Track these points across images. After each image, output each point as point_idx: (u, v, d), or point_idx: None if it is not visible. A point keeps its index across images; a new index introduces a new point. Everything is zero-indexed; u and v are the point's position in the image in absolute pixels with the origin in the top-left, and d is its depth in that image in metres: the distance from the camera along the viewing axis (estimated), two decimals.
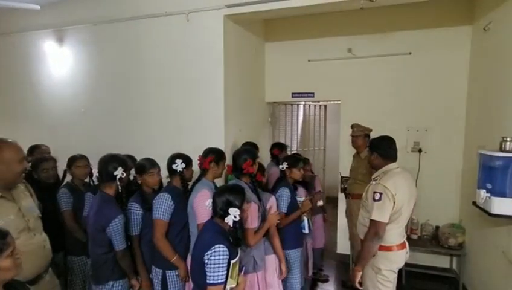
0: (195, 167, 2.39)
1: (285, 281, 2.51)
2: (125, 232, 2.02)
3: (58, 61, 3.81)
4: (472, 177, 2.86)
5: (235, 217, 1.64)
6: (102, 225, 1.94)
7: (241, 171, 2.25)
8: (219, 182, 2.56)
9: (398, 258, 2.10)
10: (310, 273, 2.94)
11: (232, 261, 1.62)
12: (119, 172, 2.02)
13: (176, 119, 3.30)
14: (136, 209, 2.17)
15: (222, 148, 3.10)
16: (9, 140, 1.70)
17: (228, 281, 1.62)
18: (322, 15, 3.74)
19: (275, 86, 4.17)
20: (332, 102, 4.44)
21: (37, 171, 2.55)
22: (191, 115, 3.25)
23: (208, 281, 1.55)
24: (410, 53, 3.57)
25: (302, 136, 5.07)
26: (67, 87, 3.80)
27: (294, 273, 2.55)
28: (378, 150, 2.15)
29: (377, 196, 1.98)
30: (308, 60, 3.98)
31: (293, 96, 4.12)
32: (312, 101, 4.50)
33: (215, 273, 1.54)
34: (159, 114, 3.37)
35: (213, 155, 2.29)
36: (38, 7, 3.11)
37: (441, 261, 3.65)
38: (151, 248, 2.15)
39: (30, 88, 4.02)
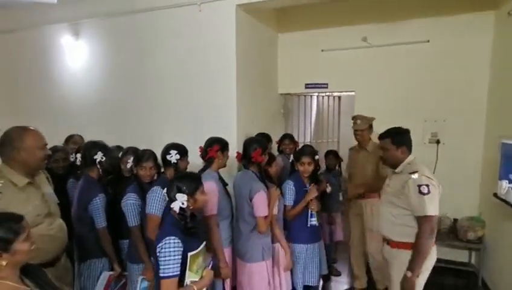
0: (193, 159, 2.39)
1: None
2: (106, 212, 2.20)
3: (75, 55, 3.88)
4: (493, 168, 2.75)
5: (182, 203, 1.56)
6: (85, 204, 2.18)
7: (250, 160, 2.26)
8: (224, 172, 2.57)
9: (435, 253, 1.99)
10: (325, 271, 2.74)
11: (190, 254, 1.55)
12: (98, 156, 2.28)
13: (189, 111, 3.32)
14: (132, 200, 2.15)
15: (234, 139, 3.13)
16: (31, 127, 1.75)
17: (187, 274, 1.55)
18: (335, 3, 3.64)
19: (287, 77, 4.12)
20: (346, 93, 4.35)
21: (49, 161, 2.61)
22: (203, 106, 3.26)
23: (160, 275, 1.49)
24: (428, 41, 3.45)
25: (316, 128, 5.00)
26: (84, 80, 3.88)
27: (295, 268, 2.49)
28: (405, 144, 2.03)
29: (425, 189, 1.84)
30: (322, 50, 3.91)
31: (306, 87, 4.06)
32: (325, 93, 4.43)
33: (166, 266, 1.48)
34: (172, 105, 3.40)
35: (219, 144, 2.29)
36: (55, 1, 3.16)
37: (460, 256, 3.55)
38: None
39: (47, 81, 4.12)
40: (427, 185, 1.84)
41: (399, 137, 2.04)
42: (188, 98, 3.31)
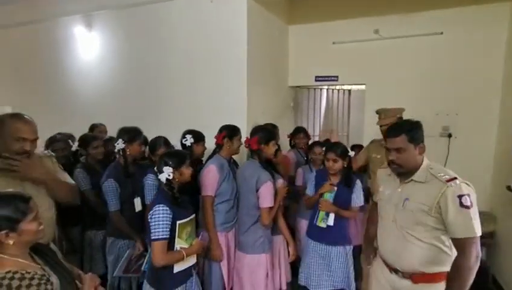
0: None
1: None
2: (119, 197, 2.27)
3: (88, 46, 3.93)
4: (506, 161, 2.72)
5: (168, 175, 1.78)
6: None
7: (250, 147, 2.28)
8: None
9: None
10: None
11: (179, 222, 1.75)
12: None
13: (200, 101, 3.35)
14: (151, 181, 2.29)
15: (244, 130, 3.14)
16: (21, 117, 1.64)
17: (176, 240, 1.75)
18: None
19: (298, 69, 4.11)
20: (357, 86, 4.32)
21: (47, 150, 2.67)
22: (214, 96, 3.28)
23: (151, 237, 1.70)
24: (441, 33, 3.39)
25: (325, 122, 4.98)
26: (96, 71, 3.93)
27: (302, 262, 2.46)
28: (423, 141, 1.58)
29: (467, 200, 1.41)
30: (333, 43, 3.88)
31: (316, 80, 4.05)
32: (335, 86, 4.40)
33: (156, 230, 1.68)
34: (184, 96, 3.44)
35: (226, 131, 2.36)
36: None
37: None
38: None
39: (61, 72, 4.19)
40: (469, 195, 1.43)
41: (416, 132, 1.57)
42: (199, 88, 3.34)
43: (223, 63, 3.20)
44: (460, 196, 1.42)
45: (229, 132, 2.36)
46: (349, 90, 4.73)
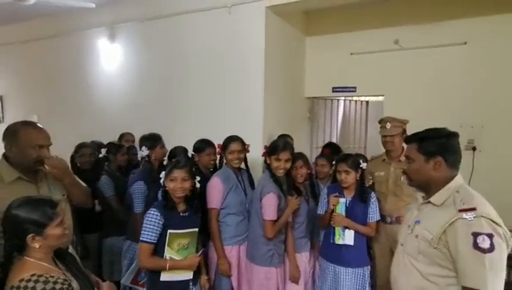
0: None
1: None
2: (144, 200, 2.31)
3: (110, 58, 4.07)
4: None
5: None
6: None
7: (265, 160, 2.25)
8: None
9: None
10: None
11: (170, 231, 1.76)
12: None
13: (217, 111, 3.40)
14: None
15: (260, 140, 3.13)
16: (35, 125, 1.67)
17: (166, 249, 1.76)
18: (366, 5, 3.58)
19: (315, 80, 4.08)
20: (375, 97, 4.24)
21: (75, 156, 2.74)
22: (231, 107, 3.32)
23: (140, 238, 1.77)
24: (465, 43, 3.29)
25: (342, 133, 4.90)
26: (118, 82, 4.07)
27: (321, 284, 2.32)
28: (443, 155, 1.27)
29: (485, 242, 1.11)
30: (351, 54, 3.83)
31: (333, 91, 4.00)
32: (353, 97, 4.33)
33: (144, 232, 1.75)
34: (202, 106, 3.50)
35: (223, 143, 2.36)
36: (94, 5, 3.34)
37: None
38: None
39: (84, 83, 4.35)
40: (490, 236, 1.11)
41: (431, 142, 1.30)
42: (216, 98, 3.38)
43: (240, 74, 3.23)
44: (476, 234, 1.12)
45: (223, 144, 2.36)
46: (367, 102, 4.65)
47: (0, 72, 5.49)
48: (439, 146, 1.30)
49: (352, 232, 2.18)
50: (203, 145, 2.51)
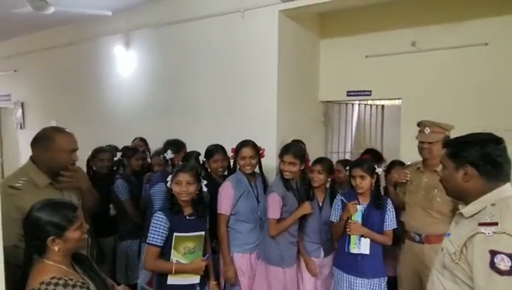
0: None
1: None
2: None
3: (125, 64, 4.14)
4: None
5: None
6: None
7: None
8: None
9: None
10: None
11: (176, 234, 1.78)
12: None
13: (231, 115, 3.40)
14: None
15: (274, 145, 3.09)
16: (66, 130, 1.73)
17: (172, 251, 1.78)
18: (381, 6, 3.51)
19: (329, 84, 4.02)
20: (391, 101, 4.14)
21: (94, 160, 2.77)
22: (244, 111, 3.31)
23: (146, 241, 1.81)
24: (486, 44, 3.17)
25: (357, 138, 4.80)
26: (133, 87, 4.13)
27: None
28: (476, 164, 1.14)
29: (504, 263, 0.98)
30: (366, 56, 3.76)
31: (348, 95, 3.93)
32: (368, 101, 4.25)
33: (151, 235, 1.78)
34: (215, 111, 3.51)
35: (236, 148, 2.35)
36: (110, 13, 3.41)
37: None
38: None
39: (100, 89, 4.44)
40: (511, 257, 0.98)
41: (462, 149, 1.17)
42: (230, 103, 3.38)
43: (253, 78, 3.22)
44: (494, 252, 0.98)
45: (236, 149, 2.34)
46: (383, 106, 4.54)
47: (21, 80, 5.68)
48: (470, 154, 1.15)
49: (368, 240, 2.10)
50: (210, 151, 2.49)
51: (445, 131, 2.12)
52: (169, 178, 1.88)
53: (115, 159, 2.85)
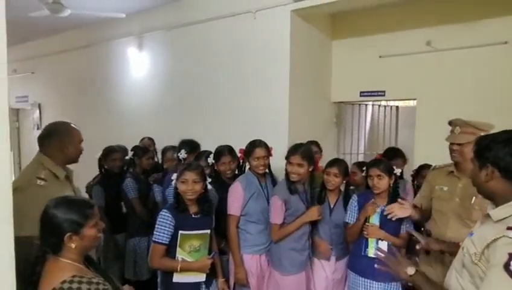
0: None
1: None
2: None
3: (138, 65, 4.20)
4: None
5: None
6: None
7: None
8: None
9: None
10: None
11: (181, 232, 1.79)
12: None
13: (242, 116, 3.40)
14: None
15: (286, 146, 3.05)
16: (73, 124, 1.83)
17: (177, 250, 1.80)
18: (395, 5, 3.45)
19: (342, 84, 3.97)
20: (406, 101, 4.07)
21: (107, 160, 2.81)
22: (256, 112, 3.31)
23: (152, 239, 1.83)
24: (506, 42, 3.07)
25: (370, 140, 4.73)
26: (146, 88, 4.19)
27: None
28: (500, 163, 1.09)
29: None
30: (379, 56, 3.70)
31: (361, 95, 3.87)
32: (382, 102, 4.18)
33: (156, 233, 1.79)
34: (227, 111, 3.52)
35: (245, 148, 2.31)
36: (124, 15, 3.46)
37: None
38: None
39: (113, 90, 4.51)
40: None
41: (485, 147, 1.13)
42: (242, 103, 3.39)
43: (265, 79, 3.21)
44: None
45: (245, 149, 2.30)
46: (397, 107, 4.46)
47: (38, 82, 5.83)
48: (491, 153, 1.10)
49: (385, 243, 2.04)
50: (218, 153, 2.44)
51: (479, 131, 1.84)
52: (174, 176, 1.90)
53: (126, 158, 2.89)
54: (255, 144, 2.26)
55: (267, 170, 2.36)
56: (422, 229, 2.14)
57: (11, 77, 6.24)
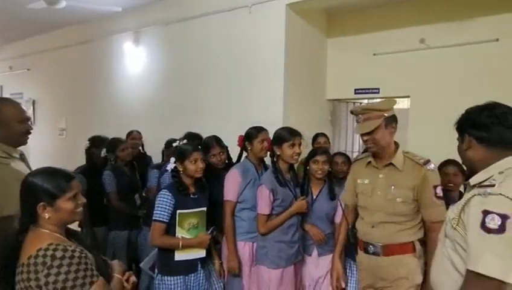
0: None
1: None
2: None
3: (135, 60, 4.21)
4: None
5: (172, 165, 1.98)
6: None
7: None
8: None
9: None
10: None
11: (179, 211, 1.85)
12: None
13: (238, 113, 3.41)
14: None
15: None
16: (10, 100, 1.70)
17: (177, 228, 1.86)
18: (389, 4, 3.51)
19: (336, 82, 4.00)
20: (398, 104, 4.09)
21: (89, 153, 2.87)
22: (251, 108, 3.33)
23: (152, 218, 1.87)
24: (497, 40, 3.12)
25: None
26: (142, 83, 4.20)
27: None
28: (473, 131, 1.14)
29: (494, 222, 0.96)
30: (374, 54, 3.74)
31: (356, 93, 3.90)
32: (376, 99, 4.20)
33: (156, 212, 1.84)
34: (222, 107, 3.53)
35: (245, 134, 2.31)
36: (120, 9, 3.47)
37: None
38: None
39: (110, 85, 4.50)
40: (504, 217, 0.95)
41: (462, 118, 1.20)
42: (238, 99, 3.40)
43: (260, 74, 3.23)
44: (486, 213, 0.97)
45: (246, 135, 2.29)
46: None
47: (33, 78, 5.81)
48: (466, 123, 1.18)
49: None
50: (206, 145, 2.39)
51: (382, 112, 1.67)
52: (172, 160, 1.94)
53: (102, 155, 2.85)
54: (259, 129, 2.28)
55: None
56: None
57: (6, 74, 6.23)
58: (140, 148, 3.44)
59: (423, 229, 1.72)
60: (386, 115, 1.66)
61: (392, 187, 1.69)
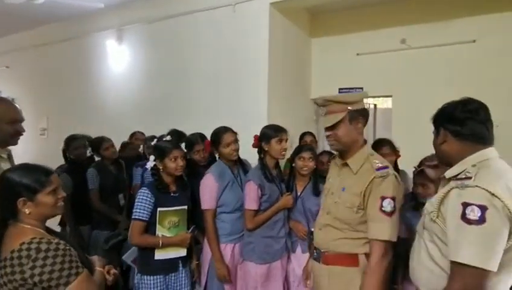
0: None
1: None
2: None
3: (118, 59, 4.14)
4: None
5: (152, 163, 1.93)
6: None
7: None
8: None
9: None
10: None
11: (160, 209, 1.83)
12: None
13: (221, 112, 3.39)
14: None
15: None
16: (7, 99, 1.67)
17: (157, 227, 1.83)
18: (371, 4, 3.57)
19: (320, 81, 4.04)
20: (382, 103, 4.17)
21: (69, 149, 2.75)
22: (234, 108, 3.32)
23: (131, 216, 1.85)
24: (474, 41, 3.22)
25: None
26: (126, 82, 4.13)
27: None
28: (447, 125, 1.16)
29: (474, 213, 0.98)
30: (357, 54, 3.80)
31: (340, 92, 3.93)
32: None
33: (136, 210, 1.82)
34: (206, 106, 3.50)
35: (211, 138, 2.24)
36: (102, 5, 3.41)
37: None
38: None
39: (93, 84, 4.42)
40: (482, 208, 0.97)
41: (438, 113, 1.22)
42: (221, 98, 3.38)
43: (244, 74, 3.22)
44: (466, 205, 0.99)
45: (213, 138, 2.21)
46: (375, 105, 4.56)
47: (13, 76, 5.64)
48: (441, 117, 1.21)
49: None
50: (190, 142, 2.36)
51: (345, 104, 1.45)
52: (151, 158, 1.90)
53: (88, 154, 2.83)
54: (222, 131, 2.17)
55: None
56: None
57: None
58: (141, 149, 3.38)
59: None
60: (350, 108, 1.44)
61: (342, 190, 1.48)
